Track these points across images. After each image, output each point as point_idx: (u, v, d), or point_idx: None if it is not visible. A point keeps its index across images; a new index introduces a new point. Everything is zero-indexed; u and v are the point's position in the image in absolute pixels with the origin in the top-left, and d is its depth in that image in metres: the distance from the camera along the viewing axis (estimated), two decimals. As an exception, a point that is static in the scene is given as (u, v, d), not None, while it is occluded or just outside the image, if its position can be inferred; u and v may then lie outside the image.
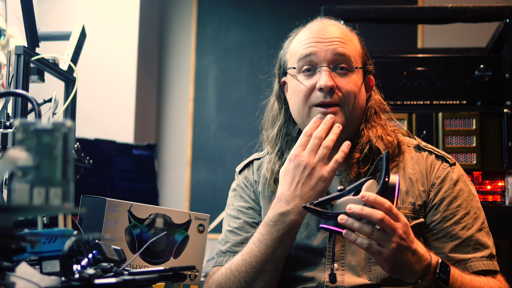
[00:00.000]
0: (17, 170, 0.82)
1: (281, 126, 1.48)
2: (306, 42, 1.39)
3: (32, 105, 1.39)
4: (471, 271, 1.33)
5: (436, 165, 1.41)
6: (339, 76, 1.37)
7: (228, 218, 1.53)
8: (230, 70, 3.72)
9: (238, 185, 1.55)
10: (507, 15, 2.18)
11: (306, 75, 1.39)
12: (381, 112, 1.47)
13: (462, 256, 1.34)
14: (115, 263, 1.05)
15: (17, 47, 1.53)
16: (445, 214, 1.37)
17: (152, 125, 3.68)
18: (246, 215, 1.49)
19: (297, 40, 1.43)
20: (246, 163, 1.57)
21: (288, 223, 1.30)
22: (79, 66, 1.81)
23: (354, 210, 1.14)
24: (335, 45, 1.37)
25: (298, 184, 1.30)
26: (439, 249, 1.36)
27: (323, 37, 1.38)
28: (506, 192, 2.11)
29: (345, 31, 1.42)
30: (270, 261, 1.32)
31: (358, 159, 1.38)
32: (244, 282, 1.34)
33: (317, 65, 1.37)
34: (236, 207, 1.52)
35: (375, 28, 3.08)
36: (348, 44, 1.39)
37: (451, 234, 1.36)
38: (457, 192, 1.38)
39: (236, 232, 1.48)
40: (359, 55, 1.41)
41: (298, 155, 1.31)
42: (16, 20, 2.46)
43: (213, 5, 3.77)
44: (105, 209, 1.29)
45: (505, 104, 2.15)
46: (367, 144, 1.39)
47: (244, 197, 1.52)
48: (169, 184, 3.71)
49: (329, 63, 1.36)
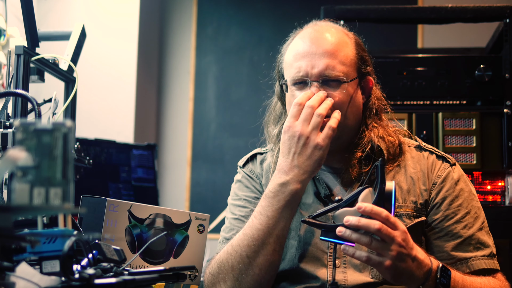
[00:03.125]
0: (17, 170, 0.82)
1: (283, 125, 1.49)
2: (297, 57, 1.40)
3: (32, 105, 1.39)
4: (472, 270, 1.34)
5: (437, 165, 1.43)
6: (330, 88, 1.37)
7: (232, 208, 1.52)
8: (230, 70, 3.72)
9: (243, 176, 1.54)
10: (507, 15, 2.18)
11: (298, 87, 1.40)
12: (381, 112, 1.47)
13: (463, 254, 1.35)
14: (115, 263, 1.05)
15: (17, 47, 1.53)
16: (446, 213, 1.38)
17: (152, 125, 3.68)
18: (253, 204, 1.48)
19: (291, 50, 1.43)
20: (249, 156, 1.57)
21: (288, 192, 1.31)
22: (79, 66, 1.81)
23: (351, 222, 1.15)
24: (323, 62, 1.36)
25: (294, 155, 1.31)
26: (440, 247, 1.37)
27: (313, 52, 1.38)
28: (506, 192, 2.11)
29: (336, 40, 1.40)
30: (271, 233, 1.32)
31: (359, 158, 1.39)
32: (246, 256, 1.33)
33: (307, 80, 1.38)
34: (242, 196, 1.51)
35: (375, 28, 3.08)
36: (337, 57, 1.37)
37: (452, 233, 1.37)
38: (458, 192, 1.40)
39: (242, 220, 1.47)
40: (351, 65, 1.40)
41: (291, 126, 1.32)
42: (16, 20, 2.45)
43: (213, 5, 3.77)
44: (105, 209, 1.29)
45: (505, 104, 2.15)
46: (369, 144, 1.39)
47: (250, 187, 1.52)
48: (169, 184, 3.71)
49: (319, 78, 1.37)
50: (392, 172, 1.42)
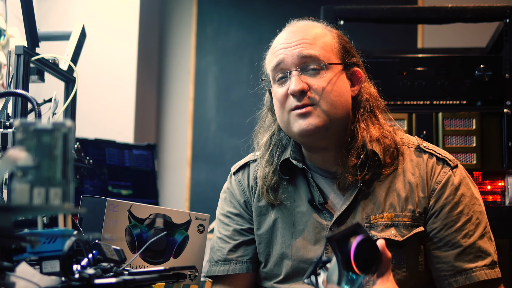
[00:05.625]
0: (17, 170, 0.82)
1: (273, 133, 1.47)
2: (275, 51, 1.40)
3: (32, 105, 1.39)
4: (473, 281, 1.30)
5: (436, 170, 1.37)
6: (310, 76, 1.35)
7: (218, 224, 1.51)
8: (230, 70, 3.72)
9: (229, 188, 1.53)
10: (507, 15, 2.18)
11: (280, 83, 1.38)
12: (376, 109, 1.42)
13: (463, 265, 1.31)
14: (115, 263, 1.05)
15: (17, 47, 1.53)
16: (445, 222, 1.33)
17: (152, 125, 3.68)
18: (235, 222, 1.48)
19: (270, 49, 1.44)
20: (241, 164, 1.54)
21: None
22: (79, 66, 1.81)
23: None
24: (300, 47, 1.35)
25: None
26: (439, 258, 1.33)
27: (288, 42, 1.37)
28: (506, 192, 2.11)
29: (314, 31, 1.39)
30: None
31: (355, 165, 1.35)
32: None
33: (287, 71, 1.36)
34: (226, 212, 1.50)
35: (375, 28, 3.08)
36: (315, 43, 1.36)
37: (452, 243, 1.32)
38: (459, 198, 1.34)
39: (226, 240, 1.47)
40: (332, 51, 1.37)
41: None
42: (16, 20, 2.46)
43: (213, 5, 3.77)
44: (105, 209, 1.29)
45: (505, 104, 2.15)
46: (363, 149, 1.35)
47: (233, 202, 1.50)
48: (169, 184, 3.71)
49: (298, 66, 1.35)
50: (390, 177, 1.37)
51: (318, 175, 1.42)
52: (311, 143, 1.38)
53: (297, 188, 1.43)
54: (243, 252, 1.45)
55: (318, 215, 1.39)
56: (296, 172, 1.43)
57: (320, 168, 1.42)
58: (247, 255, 1.45)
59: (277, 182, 1.43)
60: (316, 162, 1.42)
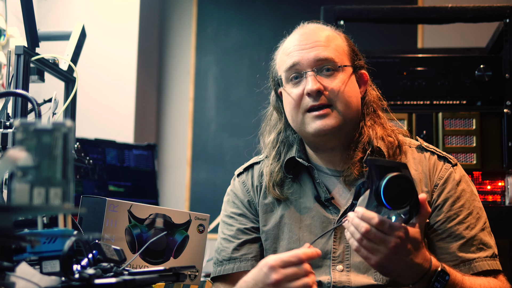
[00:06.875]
0: (17, 170, 0.82)
1: (279, 132, 1.50)
2: (289, 52, 1.43)
3: (32, 105, 1.39)
4: (476, 271, 1.33)
5: (438, 166, 1.42)
6: (325, 77, 1.39)
7: (222, 225, 1.53)
8: (230, 70, 3.72)
9: (232, 190, 1.55)
10: (507, 15, 2.18)
11: (294, 83, 1.41)
12: (379, 109, 1.47)
13: (466, 256, 1.35)
14: (115, 263, 1.05)
15: (17, 47, 1.53)
16: (448, 214, 1.37)
17: (152, 125, 3.68)
18: (238, 221, 1.49)
19: (282, 50, 1.47)
20: (246, 166, 1.56)
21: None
22: (79, 66, 1.81)
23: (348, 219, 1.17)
24: (316, 50, 1.40)
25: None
26: (443, 249, 1.37)
27: (304, 44, 1.41)
28: (506, 192, 2.11)
29: (326, 33, 1.44)
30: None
31: (360, 159, 1.39)
32: None
33: (302, 71, 1.40)
34: (229, 213, 1.52)
35: (375, 28, 3.08)
36: (329, 46, 1.41)
37: (455, 234, 1.36)
38: (460, 192, 1.39)
39: (230, 239, 1.48)
40: (344, 54, 1.43)
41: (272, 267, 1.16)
42: (16, 20, 2.46)
43: (213, 5, 3.77)
44: (105, 209, 1.29)
45: (505, 104, 2.15)
46: (369, 145, 1.40)
47: (236, 203, 1.51)
48: (169, 184, 3.71)
49: (313, 67, 1.39)
50: None
51: (322, 173, 1.45)
52: (322, 142, 1.42)
53: (301, 185, 1.46)
54: (247, 250, 1.46)
55: (325, 210, 1.42)
56: (300, 170, 1.46)
57: (326, 165, 1.45)
58: (251, 253, 1.46)
59: (282, 178, 1.46)
60: (320, 161, 1.46)
